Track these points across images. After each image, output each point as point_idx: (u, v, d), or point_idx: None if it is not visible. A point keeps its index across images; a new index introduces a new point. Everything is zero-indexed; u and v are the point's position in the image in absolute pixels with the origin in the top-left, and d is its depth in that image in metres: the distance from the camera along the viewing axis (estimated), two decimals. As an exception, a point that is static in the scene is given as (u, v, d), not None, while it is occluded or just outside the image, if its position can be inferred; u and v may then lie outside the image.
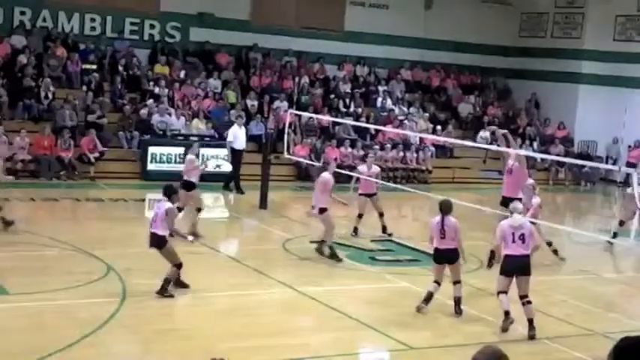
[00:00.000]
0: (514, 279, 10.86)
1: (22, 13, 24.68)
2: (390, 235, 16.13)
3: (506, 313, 10.81)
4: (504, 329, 10.78)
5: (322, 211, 14.07)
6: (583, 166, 25.97)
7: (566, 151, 27.95)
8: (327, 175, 14.24)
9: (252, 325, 10.68)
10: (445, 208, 11.46)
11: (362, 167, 16.97)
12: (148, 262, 13.33)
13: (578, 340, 10.90)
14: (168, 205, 11.49)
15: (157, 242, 11.48)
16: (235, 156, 20.98)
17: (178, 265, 11.49)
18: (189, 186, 15.14)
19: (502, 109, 30.16)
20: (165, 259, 11.50)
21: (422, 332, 10.87)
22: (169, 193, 11.70)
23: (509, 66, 31.44)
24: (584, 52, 29.50)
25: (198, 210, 15.41)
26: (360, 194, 16.35)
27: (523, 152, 15.43)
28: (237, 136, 21.25)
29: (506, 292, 10.83)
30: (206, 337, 9.93)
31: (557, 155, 25.65)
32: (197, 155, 16.57)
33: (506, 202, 13.23)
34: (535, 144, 28.29)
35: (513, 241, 10.76)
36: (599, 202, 26.78)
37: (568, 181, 27.85)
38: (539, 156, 24.92)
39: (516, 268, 10.78)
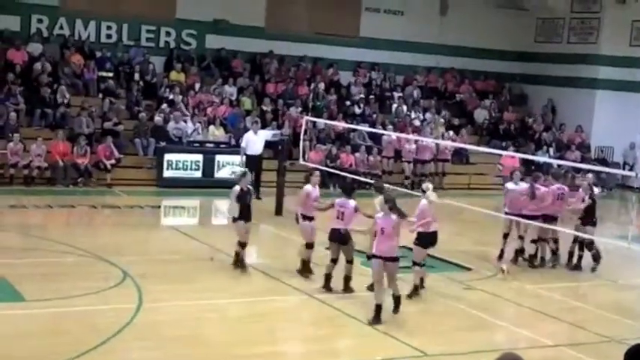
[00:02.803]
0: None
1: (40, 20, 24.85)
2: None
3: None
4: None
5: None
6: (600, 172, 25.82)
7: (583, 156, 27.82)
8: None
9: (268, 332, 10.71)
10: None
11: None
12: (164, 269, 13.42)
13: (594, 347, 10.86)
14: (354, 202, 12.30)
15: (344, 238, 12.25)
16: (248, 162, 20.83)
17: (351, 261, 12.43)
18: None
19: (518, 115, 30.07)
20: (343, 254, 12.41)
21: (437, 339, 10.86)
22: (349, 191, 12.60)
23: (525, 71, 31.36)
24: (600, 57, 29.37)
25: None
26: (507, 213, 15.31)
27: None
28: (250, 141, 21.16)
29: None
30: (222, 344, 9.96)
31: (574, 161, 25.53)
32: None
33: None
34: (551, 150, 28.18)
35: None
36: (616, 208, 26.60)
37: (584, 187, 27.67)
38: (555, 162, 24.80)
39: (435, 241, 12.39)
